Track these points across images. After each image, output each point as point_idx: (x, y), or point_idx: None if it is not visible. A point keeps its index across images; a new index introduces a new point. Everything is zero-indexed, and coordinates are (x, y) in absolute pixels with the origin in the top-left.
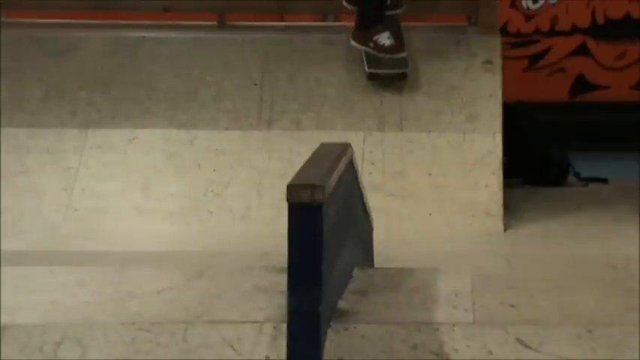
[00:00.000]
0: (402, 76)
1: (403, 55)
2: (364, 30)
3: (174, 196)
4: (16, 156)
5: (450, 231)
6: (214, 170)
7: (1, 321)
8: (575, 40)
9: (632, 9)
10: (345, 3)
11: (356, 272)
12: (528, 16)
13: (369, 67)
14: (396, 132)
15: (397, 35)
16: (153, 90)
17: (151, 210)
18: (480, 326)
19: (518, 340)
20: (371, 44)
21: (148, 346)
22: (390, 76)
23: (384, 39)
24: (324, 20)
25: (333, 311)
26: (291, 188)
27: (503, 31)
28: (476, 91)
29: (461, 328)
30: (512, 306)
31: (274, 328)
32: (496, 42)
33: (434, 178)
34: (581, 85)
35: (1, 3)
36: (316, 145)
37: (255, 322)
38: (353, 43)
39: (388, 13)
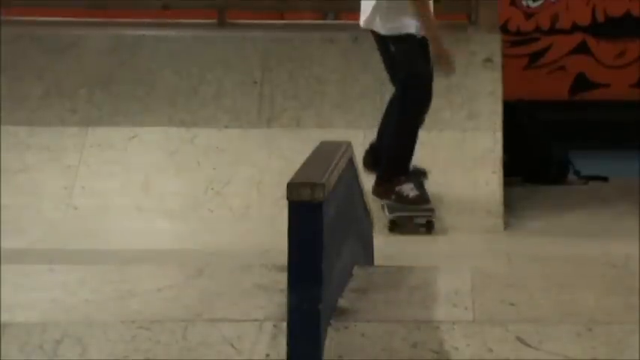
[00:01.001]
0: (429, 226)
1: (429, 206)
2: (386, 183)
3: (174, 194)
4: (16, 154)
5: (450, 229)
6: (214, 168)
7: (1, 319)
8: (576, 39)
9: (632, 7)
10: (364, 168)
11: (356, 270)
12: (528, 14)
13: (390, 213)
14: None
15: (421, 184)
16: (153, 88)
17: (150, 208)
18: (480, 324)
19: (519, 339)
20: (393, 196)
21: (148, 345)
22: (415, 225)
23: (408, 190)
24: (323, 18)
25: (333, 309)
26: (291, 186)
27: (504, 30)
28: (476, 89)
29: (461, 327)
30: (512, 304)
31: (274, 326)
32: (496, 40)
33: (434, 176)
34: (581, 83)
35: (0, 1)
36: (316, 143)
37: (255, 320)
38: (373, 197)
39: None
